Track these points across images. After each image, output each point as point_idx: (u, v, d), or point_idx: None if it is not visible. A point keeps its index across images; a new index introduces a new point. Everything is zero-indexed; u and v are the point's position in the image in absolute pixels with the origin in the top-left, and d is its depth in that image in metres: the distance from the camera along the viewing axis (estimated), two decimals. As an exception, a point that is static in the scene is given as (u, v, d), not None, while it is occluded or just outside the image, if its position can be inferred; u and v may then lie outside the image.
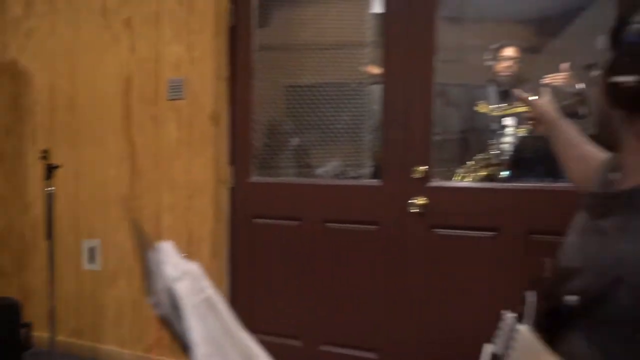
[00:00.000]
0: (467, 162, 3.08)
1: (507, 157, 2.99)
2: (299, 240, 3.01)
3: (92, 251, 3.41)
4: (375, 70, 2.95)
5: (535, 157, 2.84)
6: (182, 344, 0.89)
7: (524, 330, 0.93)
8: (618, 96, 0.93)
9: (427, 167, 2.69)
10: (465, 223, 2.66)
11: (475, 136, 3.26)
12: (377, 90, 2.91)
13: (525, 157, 2.91)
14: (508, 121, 3.02)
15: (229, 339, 0.89)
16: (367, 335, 2.87)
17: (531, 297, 1.06)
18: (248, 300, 3.12)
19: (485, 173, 3.00)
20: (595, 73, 0.95)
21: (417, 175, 2.70)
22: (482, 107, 3.14)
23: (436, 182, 2.73)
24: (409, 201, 2.71)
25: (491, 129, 3.10)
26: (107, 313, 3.41)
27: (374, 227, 2.83)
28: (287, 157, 3.27)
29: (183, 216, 3.19)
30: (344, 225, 2.91)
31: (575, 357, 0.92)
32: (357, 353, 2.91)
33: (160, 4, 3.19)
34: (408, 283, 2.76)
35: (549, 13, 3.12)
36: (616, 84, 0.91)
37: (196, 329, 0.81)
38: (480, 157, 3.06)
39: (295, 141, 3.21)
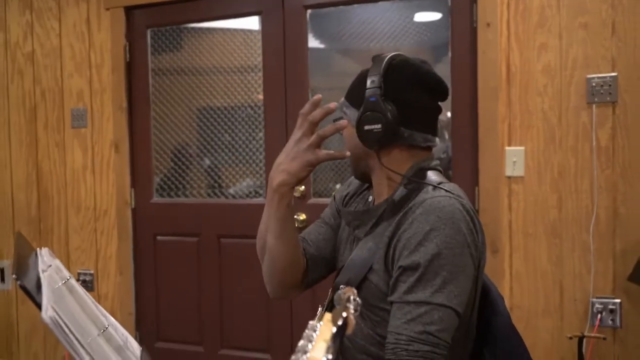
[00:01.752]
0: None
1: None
2: (197, 255, 3.29)
3: (1, 272, 3.60)
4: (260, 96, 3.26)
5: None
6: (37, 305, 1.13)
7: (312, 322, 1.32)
8: (369, 139, 1.29)
9: (304, 187, 3.02)
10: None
11: None
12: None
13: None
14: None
15: (84, 314, 1.15)
16: (261, 338, 3.18)
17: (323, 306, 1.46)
18: (153, 312, 3.38)
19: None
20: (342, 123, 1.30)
21: (297, 194, 3.02)
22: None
23: (314, 200, 3.06)
24: (293, 217, 3.03)
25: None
26: (19, 332, 3.60)
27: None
28: (198, 177, 3.51)
29: (90, 237, 3.43)
30: (237, 240, 3.21)
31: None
32: (253, 355, 3.21)
33: (62, 39, 3.43)
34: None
35: (430, 44, 3.48)
36: (367, 131, 1.27)
37: (45, 298, 1.06)
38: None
39: (205, 162, 3.47)
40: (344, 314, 0.73)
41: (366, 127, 1.28)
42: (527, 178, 2.59)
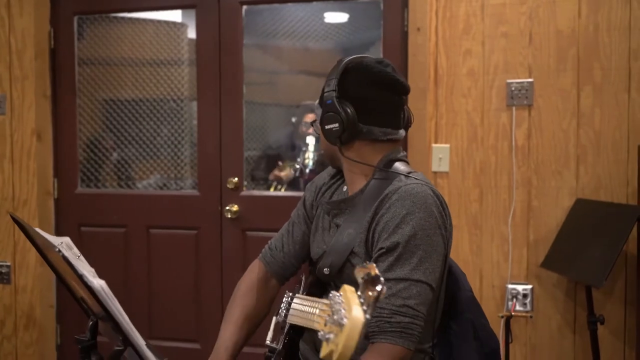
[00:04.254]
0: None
1: (308, 170, 3.50)
2: (125, 246, 3.27)
3: None
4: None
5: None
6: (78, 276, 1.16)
7: (299, 296, 1.45)
8: (331, 137, 1.43)
9: (237, 178, 3.08)
10: (273, 226, 3.06)
11: (288, 152, 3.74)
12: (195, 106, 3.24)
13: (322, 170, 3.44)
14: (309, 139, 3.52)
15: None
16: (190, 328, 3.20)
17: (304, 277, 1.58)
18: (76, 305, 3.30)
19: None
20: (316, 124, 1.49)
21: (230, 186, 3.08)
22: (285, 167, 3.64)
23: (247, 192, 3.13)
24: (225, 208, 3.08)
25: (298, 147, 3.59)
26: None
27: (193, 231, 3.17)
28: (109, 170, 3.49)
29: (8, 228, 3.30)
30: (166, 230, 3.22)
31: None
32: (182, 345, 3.23)
33: (-21, 22, 3.28)
34: (223, 279, 3.14)
35: (347, 45, 3.63)
36: (328, 130, 1.41)
37: (86, 272, 1.10)
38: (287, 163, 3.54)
39: (115, 155, 3.45)
40: (379, 287, 0.82)
41: (327, 127, 1.43)
42: (451, 173, 2.79)
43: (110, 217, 3.28)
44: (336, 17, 3.79)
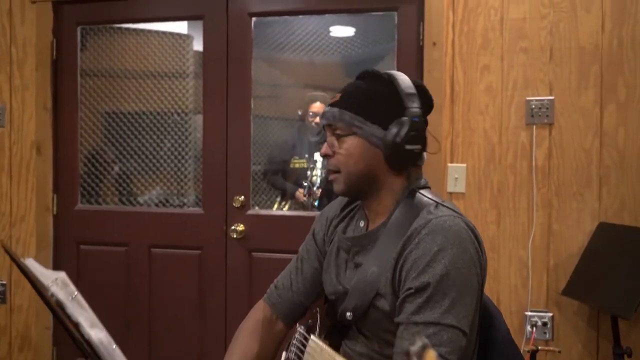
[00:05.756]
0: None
1: (317, 189, 3.38)
2: (126, 265, 3.14)
3: None
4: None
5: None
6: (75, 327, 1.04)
7: (315, 339, 1.29)
8: (406, 159, 1.28)
9: (243, 197, 2.95)
10: (281, 247, 2.94)
11: (298, 148, 3.66)
12: (200, 120, 3.14)
13: (332, 189, 3.32)
14: (317, 156, 3.41)
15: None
16: (192, 354, 3.06)
17: (319, 314, 1.43)
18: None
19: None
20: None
21: (236, 204, 2.96)
22: (296, 163, 3.54)
23: (254, 211, 3.01)
24: (230, 228, 2.96)
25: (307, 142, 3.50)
26: None
27: (197, 251, 3.05)
28: (109, 184, 3.38)
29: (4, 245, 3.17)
30: (169, 250, 3.09)
31: (356, 353, 1.32)
32: (183, 370, 3.09)
33: (-21, 32, 3.18)
34: (228, 302, 3.00)
35: (355, 59, 3.55)
36: (408, 151, 1.27)
37: (83, 319, 0.98)
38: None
39: (116, 169, 3.34)
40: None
41: (408, 147, 1.27)
42: (467, 194, 2.67)
43: (110, 235, 3.16)
44: (344, 30, 3.71)
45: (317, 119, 3.51)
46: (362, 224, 1.40)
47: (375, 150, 1.30)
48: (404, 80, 1.33)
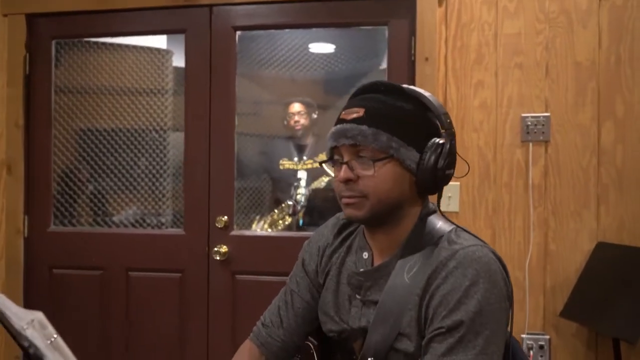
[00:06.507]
0: (274, 211, 3.30)
1: (301, 207, 3.26)
2: (102, 290, 2.97)
3: None
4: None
5: (325, 206, 3.15)
6: None
7: None
8: (441, 184, 1.19)
9: (227, 217, 2.83)
10: (266, 269, 2.82)
11: (273, 185, 3.52)
12: (178, 137, 3.01)
13: (316, 207, 3.20)
14: (301, 174, 3.29)
15: None
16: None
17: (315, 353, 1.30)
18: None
19: (283, 222, 3.24)
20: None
21: (219, 225, 2.82)
22: (286, 163, 3.42)
23: (237, 231, 2.88)
24: (213, 249, 2.82)
25: (288, 182, 3.37)
26: None
27: (177, 274, 2.90)
28: (84, 204, 3.23)
29: (-30, 269, 3.00)
30: (148, 273, 2.94)
31: None
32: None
33: (-53, 45, 3.02)
34: (210, 327, 2.86)
35: (335, 76, 3.49)
36: (447, 176, 1.17)
37: None
38: (279, 208, 3.30)
39: (90, 188, 3.19)
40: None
41: (447, 172, 1.18)
42: (461, 213, 2.59)
43: (85, 258, 2.99)
44: (324, 47, 3.64)
45: (297, 119, 3.42)
46: (365, 255, 1.27)
47: (408, 175, 1.18)
48: (432, 97, 1.22)
